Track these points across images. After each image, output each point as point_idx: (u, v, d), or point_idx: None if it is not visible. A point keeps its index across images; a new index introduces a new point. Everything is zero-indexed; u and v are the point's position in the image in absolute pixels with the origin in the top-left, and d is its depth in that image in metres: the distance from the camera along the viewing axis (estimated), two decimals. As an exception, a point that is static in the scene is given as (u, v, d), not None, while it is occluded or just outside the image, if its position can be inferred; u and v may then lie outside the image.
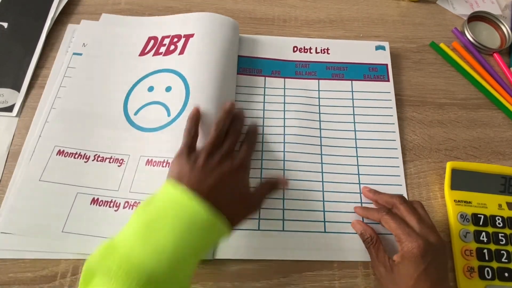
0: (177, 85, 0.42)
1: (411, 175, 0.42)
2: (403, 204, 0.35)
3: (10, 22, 0.49)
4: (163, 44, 0.47)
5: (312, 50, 0.49)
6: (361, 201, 0.40)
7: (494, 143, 0.46)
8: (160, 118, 0.41)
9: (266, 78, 0.46)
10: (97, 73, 0.45)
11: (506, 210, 0.40)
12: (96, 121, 0.41)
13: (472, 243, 0.38)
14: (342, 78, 0.47)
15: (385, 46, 0.50)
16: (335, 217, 0.39)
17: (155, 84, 0.44)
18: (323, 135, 0.43)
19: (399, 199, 0.36)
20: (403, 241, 0.32)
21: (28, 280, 0.34)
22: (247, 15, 0.53)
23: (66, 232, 0.35)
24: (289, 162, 0.41)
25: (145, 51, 0.47)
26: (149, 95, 0.43)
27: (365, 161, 0.42)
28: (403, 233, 0.33)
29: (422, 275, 0.31)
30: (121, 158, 0.39)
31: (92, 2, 0.52)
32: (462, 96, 0.49)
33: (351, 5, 0.56)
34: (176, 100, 0.42)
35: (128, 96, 0.43)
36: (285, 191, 0.39)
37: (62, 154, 0.39)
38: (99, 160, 0.39)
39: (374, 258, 0.35)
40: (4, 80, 0.44)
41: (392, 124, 0.45)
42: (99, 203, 0.37)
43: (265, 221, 0.38)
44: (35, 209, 0.36)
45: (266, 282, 0.36)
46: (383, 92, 0.47)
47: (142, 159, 0.39)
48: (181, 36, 0.46)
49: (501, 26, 0.55)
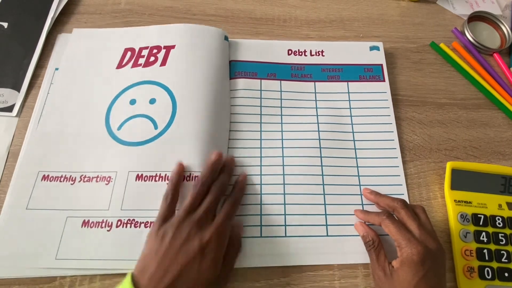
0: (162, 97, 0.42)
1: (411, 175, 0.42)
2: (404, 208, 0.35)
3: (10, 22, 0.48)
4: (141, 55, 0.45)
5: (307, 52, 0.49)
6: (362, 202, 0.40)
7: (494, 143, 0.46)
8: (147, 131, 0.40)
9: (262, 80, 0.46)
10: (74, 90, 0.43)
11: (506, 210, 0.40)
12: (78, 140, 0.40)
13: (472, 243, 0.38)
14: (338, 79, 0.47)
15: (379, 46, 0.50)
16: (337, 220, 0.39)
17: (137, 97, 0.42)
18: (321, 137, 0.43)
19: (400, 203, 0.36)
20: (403, 247, 0.32)
21: (28, 280, 0.34)
22: (247, 15, 0.53)
23: (60, 259, 0.34)
24: (288, 167, 0.41)
25: (122, 63, 0.45)
26: (132, 108, 0.41)
27: (365, 162, 0.42)
28: (403, 238, 0.32)
29: (421, 281, 0.31)
30: (108, 176, 0.38)
31: (92, 2, 0.52)
32: (462, 96, 0.49)
33: (351, 5, 0.56)
34: (162, 112, 0.41)
35: (109, 111, 0.42)
36: (286, 195, 0.39)
37: (47, 179, 0.38)
38: (86, 181, 0.38)
39: (374, 261, 0.35)
40: (4, 80, 0.44)
41: (390, 124, 0.45)
42: (90, 225, 0.36)
43: (267, 228, 0.38)
44: (25, 238, 0.35)
45: (266, 282, 0.36)
46: (379, 92, 0.47)
47: (131, 174, 0.38)
48: (161, 47, 0.45)
49: (501, 26, 0.55)
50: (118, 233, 0.35)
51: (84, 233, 0.35)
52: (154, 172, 0.38)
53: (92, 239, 0.35)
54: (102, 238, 0.35)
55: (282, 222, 0.38)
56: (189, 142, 0.39)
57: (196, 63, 0.44)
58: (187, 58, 0.44)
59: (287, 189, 0.40)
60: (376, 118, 0.45)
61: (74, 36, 0.47)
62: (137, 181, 0.37)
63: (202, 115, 0.40)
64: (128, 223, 0.36)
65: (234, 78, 0.46)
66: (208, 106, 0.41)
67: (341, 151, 0.43)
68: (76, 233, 0.35)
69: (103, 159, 0.39)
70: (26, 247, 0.35)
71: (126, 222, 0.36)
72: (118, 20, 0.50)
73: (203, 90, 0.42)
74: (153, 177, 0.38)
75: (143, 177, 0.38)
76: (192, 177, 0.37)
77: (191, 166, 0.38)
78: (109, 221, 0.36)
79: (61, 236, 0.35)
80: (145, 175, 0.38)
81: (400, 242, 0.33)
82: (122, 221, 0.36)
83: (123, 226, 0.36)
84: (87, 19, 0.50)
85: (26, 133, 0.41)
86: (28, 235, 0.35)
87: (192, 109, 0.41)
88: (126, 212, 0.36)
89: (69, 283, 0.34)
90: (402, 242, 0.32)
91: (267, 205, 0.39)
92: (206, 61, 0.44)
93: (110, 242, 0.35)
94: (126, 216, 0.36)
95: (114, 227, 0.36)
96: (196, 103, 0.41)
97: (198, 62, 0.44)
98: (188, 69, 0.43)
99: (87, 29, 0.48)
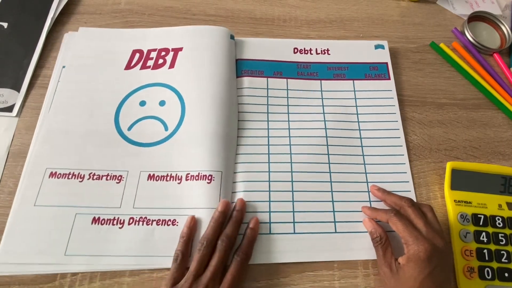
0: (171, 99, 0.43)
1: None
2: (411, 207, 0.35)
3: (10, 22, 0.48)
4: (150, 57, 0.46)
5: (313, 51, 0.49)
6: (370, 199, 0.40)
7: (494, 143, 0.46)
8: (158, 132, 0.41)
9: (268, 79, 0.46)
10: (82, 88, 0.43)
11: (506, 210, 0.40)
12: (86, 138, 0.40)
13: (472, 243, 0.38)
14: (343, 78, 0.48)
15: (384, 45, 0.50)
16: (345, 217, 0.39)
17: (147, 99, 0.43)
18: (328, 135, 0.43)
19: (407, 202, 0.36)
20: (410, 244, 0.32)
21: (28, 280, 0.34)
22: (247, 15, 0.53)
23: (69, 255, 0.35)
24: (296, 164, 0.41)
25: (131, 64, 0.46)
26: (142, 110, 0.42)
27: (371, 159, 0.42)
28: (410, 235, 0.33)
29: (427, 278, 0.31)
30: (119, 175, 0.39)
31: (92, 2, 0.52)
32: (462, 96, 0.49)
33: (351, 5, 0.56)
34: (172, 114, 0.42)
35: (118, 111, 0.42)
36: (294, 193, 0.39)
37: (55, 176, 0.38)
38: (95, 178, 0.38)
39: (380, 257, 0.35)
40: (4, 80, 0.44)
41: (396, 121, 0.45)
42: (100, 222, 0.36)
43: (276, 225, 0.38)
44: (34, 235, 0.35)
45: (266, 282, 0.36)
46: (385, 91, 0.47)
47: (143, 174, 0.39)
48: (169, 49, 0.46)
49: (501, 26, 0.55)
50: (131, 230, 0.36)
51: (94, 230, 0.36)
52: (165, 172, 0.39)
53: (102, 236, 0.36)
54: (113, 235, 0.36)
55: (290, 219, 0.38)
56: (198, 143, 0.40)
57: (204, 64, 0.44)
58: (194, 60, 0.45)
59: (295, 187, 0.40)
60: (382, 116, 0.45)
61: (81, 34, 0.48)
62: (149, 180, 0.38)
63: (210, 116, 0.41)
64: (141, 221, 0.37)
65: (240, 76, 0.46)
66: (216, 107, 0.42)
67: (348, 148, 0.43)
68: (86, 229, 0.36)
69: (113, 158, 0.40)
70: (35, 244, 0.35)
71: (138, 220, 0.37)
72: (118, 20, 0.50)
73: (211, 90, 0.42)
74: (164, 177, 0.39)
75: (154, 177, 0.39)
76: (201, 176, 0.38)
77: (200, 166, 0.38)
78: (121, 219, 0.37)
79: (70, 232, 0.36)
80: (156, 175, 0.39)
81: (407, 239, 0.33)
82: (134, 218, 0.37)
83: (135, 224, 0.36)
84: (87, 19, 0.50)
85: (35, 129, 0.41)
86: (36, 232, 0.35)
87: (201, 110, 0.41)
88: (138, 210, 0.37)
89: (69, 283, 0.34)
90: (409, 239, 0.32)
91: (275, 202, 0.39)
92: (213, 61, 0.45)
93: (122, 239, 0.36)
94: (138, 214, 0.37)
95: (126, 225, 0.36)
96: (204, 104, 0.42)
97: (206, 63, 0.44)
98: (196, 71, 0.44)
99: (95, 28, 0.49)
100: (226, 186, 0.39)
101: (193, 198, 0.37)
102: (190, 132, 0.41)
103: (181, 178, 0.38)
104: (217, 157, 0.39)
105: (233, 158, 0.41)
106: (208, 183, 0.38)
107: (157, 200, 0.38)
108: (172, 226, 0.36)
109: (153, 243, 0.36)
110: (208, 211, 0.37)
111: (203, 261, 0.33)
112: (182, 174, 0.38)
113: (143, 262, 0.35)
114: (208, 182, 0.38)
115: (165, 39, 0.47)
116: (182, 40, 0.47)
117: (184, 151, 0.40)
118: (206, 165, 0.38)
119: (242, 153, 0.41)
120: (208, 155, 0.39)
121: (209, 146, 0.39)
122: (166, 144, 0.40)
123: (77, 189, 0.38)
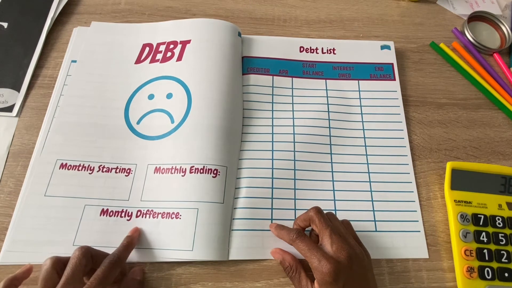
0: (178, 92, 0.43)
1: (411, 175, 0.42)
2: (318, 214, 0.33)
3: (10, 22, 0.49)
4: (159, 51, 0.47)
5: (319, 50, 0.49)
6: (372, 199, 0.40)
7: (494, 143, 0.46)
8: (164, 125, 0.41)
9: (274, 77, 0.47)
10: (92, 81, 0.44)
11: (506, 210, 0.40)
12: (96, 131, 0.41)
13: (472, 243, 0.38)
14: (349, 77, 0.48)
15: (390, 46, 0.50)
16: (348, 217, 0.39)
17: (155, 92, 0.44)
18: (332, 134, 0.43)
19: (313, 211, 0.34)
20: (315, 268, 0.31)
21: (28, 280, 0.34)
22: (247, 15, 0.53)
23: (77, 246, 0.34)
24: (299, 162, 0.41)
25: (141, 58, 0.46)
26: (150, 103, 0.43)
27: (375, 159, 0.42)
28: (314, 258, 0.31)
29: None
30: (128, 168, 0.39)
31: (92, 2, 0.52)
32: (462, 96, 0.49)
33: (351, 5, 0.56)
34: (178, 106, 0.42)
35: (128, 104, 0.43)
36: (296, 191, 0.39)
37: (65, 167, 0.39)
38: (105, 171, 0.39)
39: (296, 286, 0.34)
40: (4, 80, 0.44)
41: (400, 122, 0.45)
42: (109, 214, 0.37)
43: (278, 222, 0.38)
44: (43, 225, 0.36)
45: (266, 282, 0.36)
46: (389, 91, 0.47)
47: (150, 167, 0.39)
48: (178, 42, 0.46)
49: (501, 26, 0.55)
50: (138, 223, 0.37)
51: (103, 222, 0.37)
52: (170, 165, 0.39)
53: (111, 228, 0.36)
54: (121, 227, 0.36)
55: (293, 216, 0.38)
56: (204, 136, 0.40)
57: (211, 58, 0.44)
58: (202, 53, 0.45)
59: (298, 184, 0.40)
60: (387, 116, 0.45)
61: (92, 29, 0.48)
62: (155, 173, 0.39)
63: (216, 109, 0.41)
64: (147, 213, 0.37)
65: (246, 73, 0.46)
66: (222, 101, 0.42)
67: (351, 148, 0.43)
68: (95, 221, 0.37)
69: (123, 151, 0.40)
70: (44, 233, 0.36)
71: (145, 213, 0.37)
72: (118, 20, 0.50)
73: (217, 84, 0.42)
74: (169, 169, 0.39)
75: (160, 169, 0.39)
76: (206, 170, 0.38)
77: (206, 159, 0.39)
78: (129, 211, 0.37)
79: (79, 223, 0.36)
80: (162, 168, 0.39)
81: (312, 263, 0.31)
82: (142, 211, 0.37)
83: (142, 216, 0.37)
84: (87, 19, 0.50)
85: (43, 123, 0.42)
86: (46, 222, 0.36)
87: (207, 103, 0.41)
88: (145, 203, 0.38)
89: (69, 283, 0.34)
90: (313, 263, 0.31)
91: (278, 199, 0.39)
92: (220, 56, 0.45)
93: (129, 231, 0.36)
94: (145, 207, 0.37)
95: (134, 217, 0.37)
96: (210, 97, 0.42)
97: (213, 57, 0.44)
98: (203, 64, 0.44)
99: (105, 23, 0.49)
100: (230, 181, 0.39)
101: (197, 191, 0.37)
102: (196, 124, 0.40)
103: (185, 170, 0.38)
104: (223, 152, 0.39)
105: (237, 154, 0.41)
106: (214, 177, 0.38)
107: (162, 193, 0.38)
108: (176, 219, 0.36)
109: (157, 236, 0.36)
110: (211, 206, 0.37)
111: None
112: (186, 166, 0.38)
113: (148, 255, 0.35)
114: (214, 176, 0.38)
115: (174, 32, 0.47)
116: (190, 32, 0.47)
117: (190, 143, 0.39)
118: (211, 159, 0.38)
119: (246, 149, 0.41)
120: (213, 148, 0.39)
121: (214, 140, 0.39)
122: (172, 136, 0.40)
123: (87, 181, 0.38)
